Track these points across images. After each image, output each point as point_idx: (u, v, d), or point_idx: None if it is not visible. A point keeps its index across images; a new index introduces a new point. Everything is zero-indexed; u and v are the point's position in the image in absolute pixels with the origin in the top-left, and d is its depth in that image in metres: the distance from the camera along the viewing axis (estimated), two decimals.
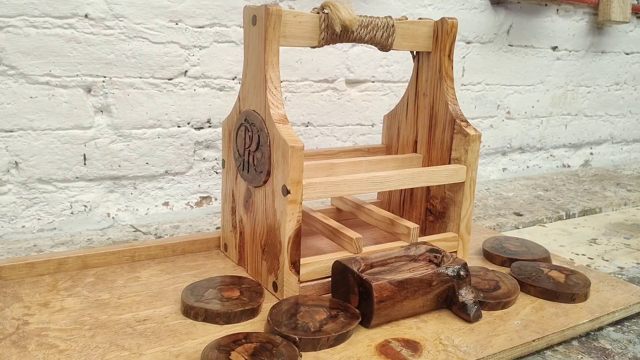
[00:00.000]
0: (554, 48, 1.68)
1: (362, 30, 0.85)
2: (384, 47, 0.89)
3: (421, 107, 0.97)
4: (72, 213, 1.10)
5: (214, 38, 1.16)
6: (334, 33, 0.82)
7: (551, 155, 1.80)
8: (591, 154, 1.91)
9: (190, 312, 0.71)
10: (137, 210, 1.17)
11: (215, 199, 1.25)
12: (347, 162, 0.91)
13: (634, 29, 1.82)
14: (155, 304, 0.75)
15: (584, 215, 1.38)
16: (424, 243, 0.83)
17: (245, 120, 0.82)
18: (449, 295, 0.76)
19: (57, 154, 1.06)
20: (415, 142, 0.99)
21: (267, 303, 0.76)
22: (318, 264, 0.79)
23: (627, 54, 1.85)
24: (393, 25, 0.88)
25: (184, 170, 1.20)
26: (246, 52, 0.81)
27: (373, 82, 1.39)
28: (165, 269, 0.87)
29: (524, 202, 1.41)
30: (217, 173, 1.24)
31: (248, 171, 0.82)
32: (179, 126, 1.17)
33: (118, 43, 1.06)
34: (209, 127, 1.20)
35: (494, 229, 1.22)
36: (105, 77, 1.07)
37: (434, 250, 0.81)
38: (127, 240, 1.03)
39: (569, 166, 1.86)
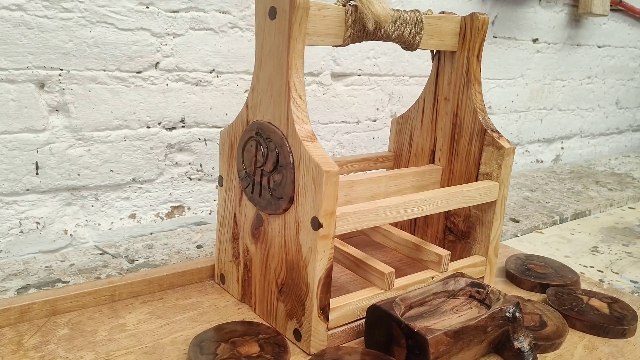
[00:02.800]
0: (535, 40, 1.61)
1: (390, 26, 0.72)
2: (411, 46, 0.76)
3: (441, 113, 0.86)
4: (21, 232, 0.91)
5: (190, 25, 1.00)
6: (363, 30, 0.69)
7: (526, 150, 1.75)
8: (562, 148, 1.88)
9: None
10: (99, 225, 1.00)
11: (189, 209, 1.10)
12: (366, 179, 0.79)
13: (607, 22, 1.79)
14: None
15: (575, 218, 1.33)
16: (462, 275, 0.73)
17: (256, 133, 0.68)
18: (501, 340, 0.66)
19: (3, 162, 0.87)
20: (433, 151, 0.88)
21: (292, 356, 0.63)
22: (348, 306, 0.67)
23: (600, 47, 1.82)
24: (422, 21, 0.76)
25: (153, 177, 1.04)
26: (259, 51, 0.67)
27: (359, 75, 1.26)
28: (155, 310, 0.71)
29: (515, 206, 1.34)
30: (190, 179, 1.08)
31: (260, 195, 0.68)
32: (148, 127, 1.00)
33: (78, 29, 0.88)
34: (183, 127, 1.04)
35: None
36: (62, 69, 0.88)
37: (476, 284, 0.71)
38: (94, 268, 0.87)
39: (541, 161, 1.82)
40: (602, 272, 1.05)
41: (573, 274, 0.88)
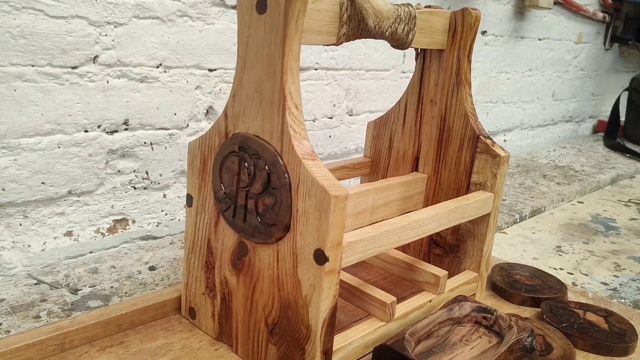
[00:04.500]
0: (484, 32, 1.58)
1: (384, 22, 0.64)
2: (403, 44, 0.68)
3: (427, 117, 0.79)
4: None
5: (134, 12, 0.86)
6: (359, 27, 0.60)
7: None
8: (505, 141, 1.88)
9: None
10: (29, 246, 0.85)
11: (133, 222, 0.97)
12: (354, 194, 0.71)
13: (547, 15, 1.80)
14: None
15: (533, 215, 1.32)
16: (465, 298, 0.67)
17: (240, 148, 0.57)
18: None
19: None
20: (416, 158, 0.81)
21: None
22: (350, 345, 0.58)
23: (540, 39, 1.83)
24: (415, 17, 0.68)
25: (92, 188, 0.90)
26: (243, 51, 0.56)
27: (316, 69, 1.17)
28: None
29: None
30: (134, 189, 0.95)
31: (245, 220, 0.58)
32: (86, 131, 0.86)
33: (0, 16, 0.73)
34: (126, 130, 0.91)
35: None
36: None
37: (482, 309, 0.65)
38: (30, 303, 0.73)
39: None
40: (572, 274, 1.03)
41: (560, 283, 0.85)
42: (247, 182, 0.57)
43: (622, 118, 2.25)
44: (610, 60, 2.29)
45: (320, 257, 0.52)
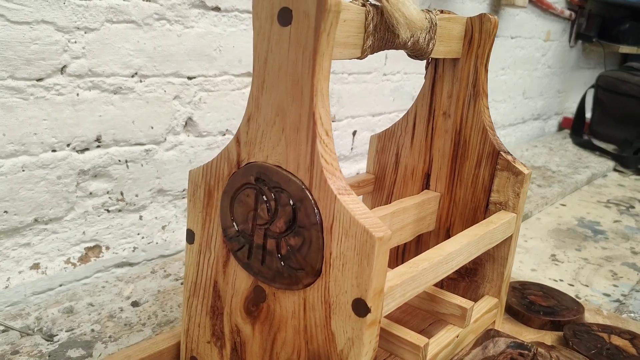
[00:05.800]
0: None
1: (413, 32, 0.57)
2: (423, 54, 0.62)
3: (439, 131, 0.73)
4: None
5: (107, 16, 0.77)
6: (386, 38, 0.53)
7: None
8: None
9: None
10: None
11: (107, 248, 0.87)
12: None
13: (519, 13, 1.78)
14: None
15: (522, 221, 1.29)
16: (497, 333, 0.61)
17: (257, 179, 0.49)
18: None
19: None
20: (427, 175, 0.75)
21: None
22: None
23: (512, 38, 1.80)
24: (436, 24, 0.61)
25: (61, 214, 0.80)
26: (261, 68, 0.48)
27: None
28: None
29: None
30: (108, 212, 0.85)
31: (263, 262, 0.50)
32: (54, 150, 0.76)
33: None
34: (99, 147, 0.81)
35: None
36: None
37: (518, 345, 0.59)
38: (1, 357, 0.63)
39: None
40: (572, 285, 1.00)
41: (576, 303, 0.81)
42: (267, 219, 0.49)
43: (588, 115, 2.26)
44: (574, 57, 2.31)
45: (361, 308, 0.45)
